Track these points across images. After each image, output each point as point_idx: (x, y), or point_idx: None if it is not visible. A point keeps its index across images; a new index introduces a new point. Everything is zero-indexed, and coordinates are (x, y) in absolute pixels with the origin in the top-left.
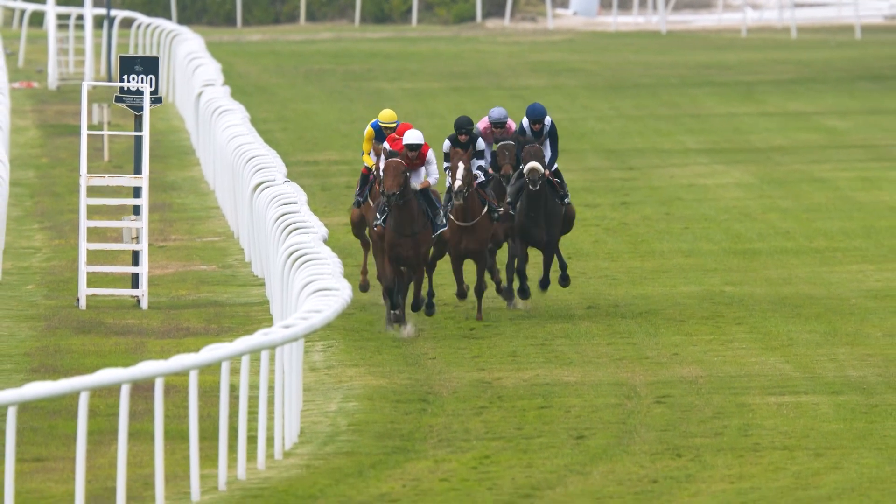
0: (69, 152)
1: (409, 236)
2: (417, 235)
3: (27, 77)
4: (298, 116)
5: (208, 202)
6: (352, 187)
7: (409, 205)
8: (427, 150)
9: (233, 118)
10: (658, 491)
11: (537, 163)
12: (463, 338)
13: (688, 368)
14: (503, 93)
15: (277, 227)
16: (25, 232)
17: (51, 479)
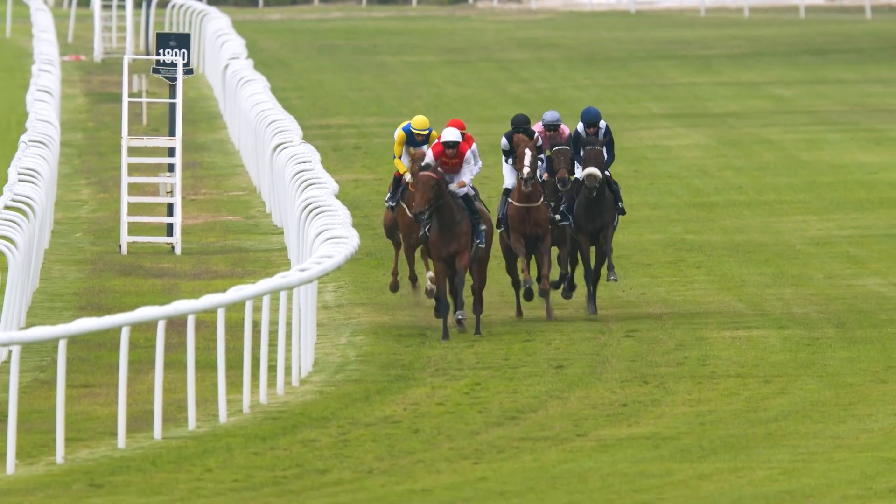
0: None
1: (449, 232)
2: (457, 227)
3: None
4: (312, 86)
5: (234, 161)
6: (360, 148)
7: (448, 207)
8: (466, 149)
9: (255, 87)
10: (627, 413)
11: (596, 168)
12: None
13: (653, 306)
14: (492, 65)
15: (294, 182)
16: (74, 187)
17: (96, 402)
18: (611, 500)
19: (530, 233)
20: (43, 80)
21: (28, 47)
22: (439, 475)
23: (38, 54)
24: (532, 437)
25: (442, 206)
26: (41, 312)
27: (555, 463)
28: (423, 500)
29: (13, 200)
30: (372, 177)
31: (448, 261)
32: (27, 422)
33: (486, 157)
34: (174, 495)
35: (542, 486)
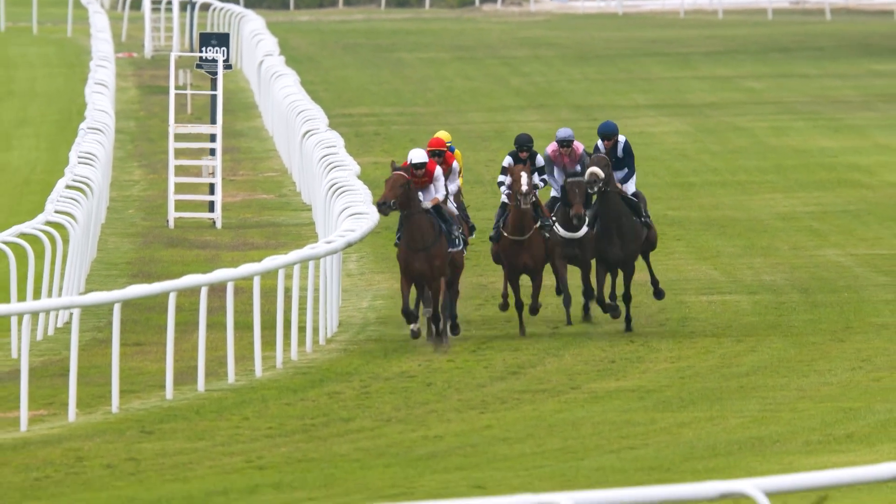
0: (160, 107)
1: (421, 251)
2: (430, 249)
3: (128, 49)
4: (337, 79)
5: (268, 146)
6: (379, 134)
7: (417, 219)
8: (434, 167)
9: (286, 81)
10: (615, 369)
11: (598, 168)
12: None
13: (639, 274)
14: (496, 61)
15: (321, 165)
16: (127, 168)
17: (147, 359)
18: (601, 445)
19: (522, 263)
20: (100, 75)
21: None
22: (449, 423)
23: (95, 52)
24: (531, 389)
25: (410, 217)
26: (98, 279)
27: (551, 412)
28: (435, 445)
29: (74, 180)
30: (390, 159)
31: (416, 279)
32: (86, 376)
33: (492, 142)
34: (216, 440)
35: (540, 432)
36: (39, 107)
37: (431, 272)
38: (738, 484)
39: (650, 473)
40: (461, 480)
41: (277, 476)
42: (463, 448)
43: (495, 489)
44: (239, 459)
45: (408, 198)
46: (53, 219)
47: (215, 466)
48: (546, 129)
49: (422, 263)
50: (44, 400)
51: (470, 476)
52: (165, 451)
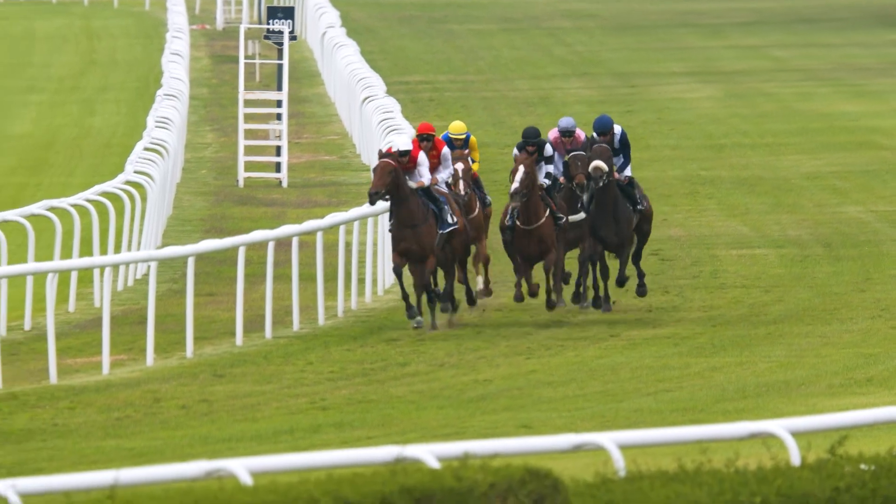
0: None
1: (410, 228)
2: (418, 228)
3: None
4: (394, 49)
5: (330, 111)
6: (433, 100)
7: (406, 201)
8: (417, 153)
9: (348, 51)
10: (652, 318)
11: (602, 161)
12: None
13: (674, 230)
14: (541, 32)
15: (379, 128)
16: (200, 132)
17: (219, 308)
18: (638, 388)
19: (533, 252)
20: (175, 45)
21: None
22: (498, 368)
23: (171, 24)
24: (574, 337)
25: (400, 201)
26: (173, 235)
27: (592, 358)
28: (484, 388)
29: (151, 143)
30: (443, 124)
31: (409, 259)
32: (163, 324)
33: (537, 108)
34: (282, 383)
35: (581, 376)
36: (120, 75)
37: (421, 251)
38: (766, 424)
39: (684, 414)
40: (508, 421)
41: (339, 416)
42: (510, 391)
43: (540, 429)
44: (303, 401)
45: (396, 185)
46: (133, 178)
47: (281, 407)
48: (588, 96)
49: (410, 241)
50: (124, 346)
51: (517, 417)
52: (236, 394)
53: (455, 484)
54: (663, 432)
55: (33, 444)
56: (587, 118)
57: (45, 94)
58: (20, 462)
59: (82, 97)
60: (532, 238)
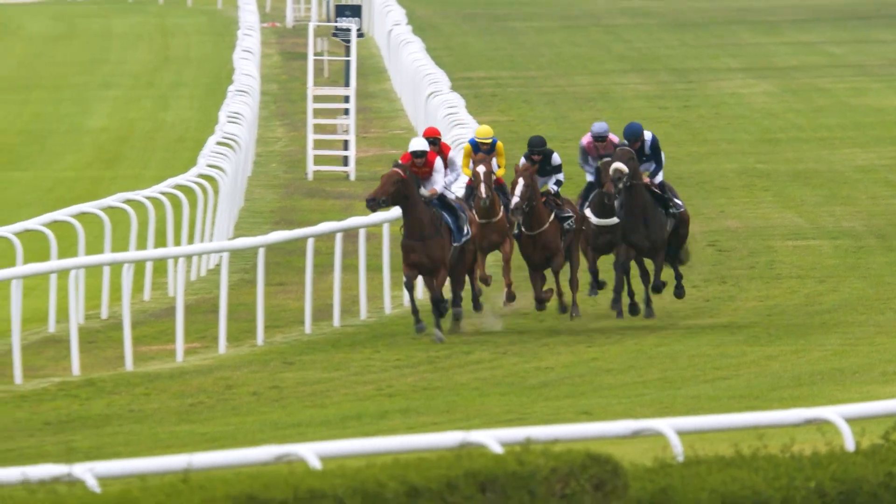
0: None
1: (419, 240)
2: (428, 241)
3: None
4: (458, 46)
5: (396, 106)
6: (496, 96)
7: (415, 211)
8: (434, 157)
9: (413, 47)
10: (709, 307)
11: (621, 163)
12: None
13: (730, 221)
14: (601, 29)
15: (444, 122)
16: (271, 127)
17: (288, 297)
18: (696, 376)
19: (538, 258)
20: (246, 43)
21: (234, 16)
22: (559, 356)
23: (242, 22)
24: (633, 325)
25: (409, 210)
26: (245, 226)
27: (651, 346)
28: (546, 375)
29: (223, 137)
30: (505, 118)
31: (421, 271)
32: (234, 312)
33: (596, 103)
34: (350, 370)
35: (641, 363)
36: (193, 71)
37: (431, 263)
38: (821, 411)
39: (740, 401)
40: (569, 407)
41: (405, 402)
42: (571, 378)
43: (600, 415)
44: (370, 388)
45: (403, 194)
46: (205, 172)
47: (349, 394)
48: (646, 92)
49: (420, 255)
50: (197, 334)
51: (577, 403)
52: (305, 380)
53: (517, 468)
54: (720, 418)
55: (110, 428)
56: (644, 113)
57: (121, 90)
58: (98, 446)
59: (157, 93)
60: (536, 243)
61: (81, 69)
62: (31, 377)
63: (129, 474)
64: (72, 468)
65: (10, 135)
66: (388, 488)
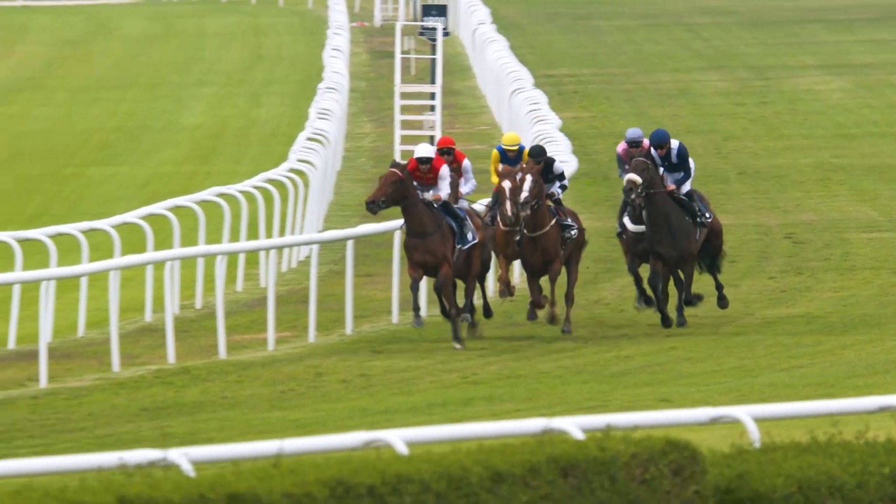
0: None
1: (420, 237)
2: (429, 237)
3: (360, 18)
4: (542, 44)
5: (481, 102)
6: (578, 92)
7: (415, 210)
8: (441, 164)
9: (498, 46)
10: (785, 297)
11: (634, 174)
12: None
13: (806, 215)
14: (681, 27)
15: (527, 118)
16: (359, 123)
17: (376, 288)
18: (772, 365)
19: (537, 262)
20: (335, 42)
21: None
22: (639, 345)
23: (332, 21)
24: (711, 315)
25: (408, 211)
26: (334, 219)
27: (729, 335)
28: (626, 364)
29: (313, 133)
30: (587, 115)
31: (426, 271)
32: (324, 303)
33: (676, 99)
34: (435, 359)
35: (718, 353)
36: (284, 69)
37: (434, 259)
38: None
39: (816, 389)
40: (649, 394)
41: (489, 390)
42: (651, 366)
43: (679, 402)
44: (455, 376)
45: (402, 195)
46: (296, 166)
47: (435, 381)
48: (724, 88)
49: (423, 253)
50: (288, 323)
51: (657, 391)
52: (392, 369)
53: (598, 454)
54: (796, 406)
55: (204, 415)
56: (722, 109)
57: (215, 88)
58: (192, 432)
59: (249, 90)
60: (536, 246)
61: (177, 68)
62: (128, 365)
63: (223, 459)
64: (167, 453)
65: (108, 132)
66: (472, 473)
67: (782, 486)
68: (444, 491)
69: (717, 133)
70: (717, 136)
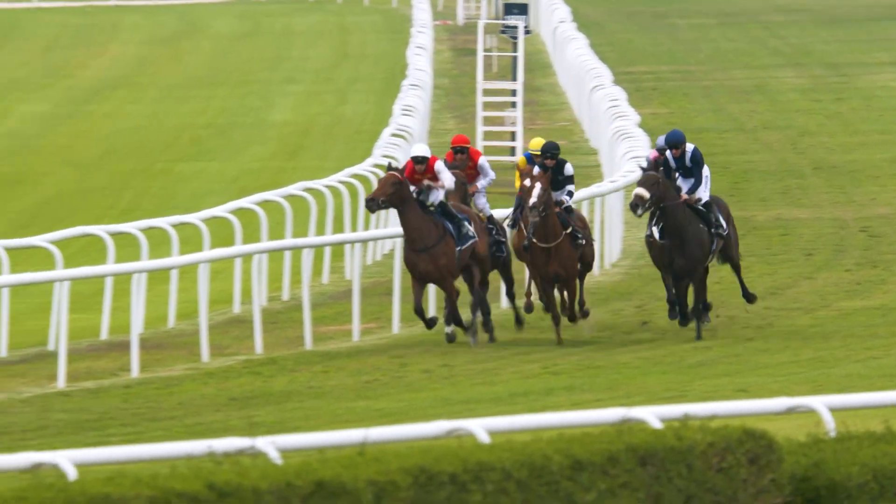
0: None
1: (422, 251)
2: (432, 249)
3: (444, 17)
4: (621, 42)
5: (561, 99)
6: (656, 89)
7: (412, 219)
8: (435, 161)
9: (578, 44)
10: (861, 290)
11: (643, 189)
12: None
13: (881, 208)
14: (757, 25)
15: (606, 115)
16: (442, 119)
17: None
18: (848, 356)
19: (550, 271)
20: (419, 40)
21: (408, 15)
22: (717, 337)
23: (415, 20)
24: (787, 307)
25: (405, 217)
26: None
27: (805, 327)
28: (704, 355)
29: (397, 129)
30: (665, 111)
31: (424, 280)
32: (408, 295)
33: (752, 95)
34: (517, 350)
35: (795, 344)
36: (369, 67)
37: (437, 272)
38: None
39: (891, 380)
40: (727, 385)
41: (569, 380)
42: (728, 357)
43: (756, 392)
44: (537, 366)
45: (400, 197)
46: (380, 161)
47: (517, 372)
48: (800, 85)
49: (426, 264)
50: (372, 315)
51: (734, 381)
52: (475, 359)
53: (676, 443)
54: (872, 396)
55: (291, 404)
56: (798, 105)
57: (302, 85)
58: (280, 421)
59: (335, 87)
60: (549, 257)
61: (265, 65)
62: (217, 355)
63: (309, 447)
64: (255, 441)
65: (199, 128)
66: (553, 461)
67: (857, 475)
68: (525, 479)
69: (794, 129)
70: (794, 132)
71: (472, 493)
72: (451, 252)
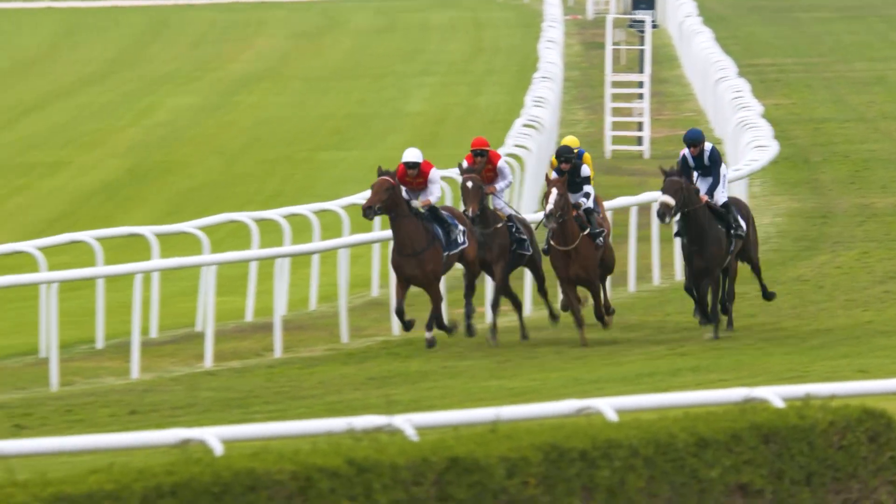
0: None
1: (410, 256)
2: (420, 255)
3: (574, 12)
4: (745, 35)
5: (687, 90)
6: (779, 81)
7: (404, 224)
8: (429, 168)
9: (703, 37)
10: None
11: (668, 196)
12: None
13: None
14: (878, 18)
15: (731, 105)
16: (572, 110)
17: None
18: None
19: (571, 273)
20: (550, 34)
21: (540, 10)
22: (837, 319)
23: (547, 15)
24: None
25: (396, 221)
26: None
27: None
28: (825, 337)
29: (529, 120)
30: (788, 101)
31: (409, 283)
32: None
33: (873, 87)
34: (644, 332)
35: None
36: (502, 60)
37: (424, 277)
38: None
39: None
40: (847, 366)
41: (695, 361)
42: (848, 339)
43: (876, 373)
44: (663, 347)
45: (394, 202)
46: (513, 151)
47: (644, 353)
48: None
49: (413, 269)
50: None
51: (854, 362)
52: (604, 340)
53: (798, 422)
54: None
55: (427, 384)
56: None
57: (437, 77)
58: (416, 399)
59: (470, 80)
60: (569, 259)
61: (402, 58)
62: (356, 337)
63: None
64: (392, 419)
65: (339, 118)
66: (678, 439)
67: None
68: (652, 455)
69: None
70: None
71: (600, 469)
72: (438, 257)
